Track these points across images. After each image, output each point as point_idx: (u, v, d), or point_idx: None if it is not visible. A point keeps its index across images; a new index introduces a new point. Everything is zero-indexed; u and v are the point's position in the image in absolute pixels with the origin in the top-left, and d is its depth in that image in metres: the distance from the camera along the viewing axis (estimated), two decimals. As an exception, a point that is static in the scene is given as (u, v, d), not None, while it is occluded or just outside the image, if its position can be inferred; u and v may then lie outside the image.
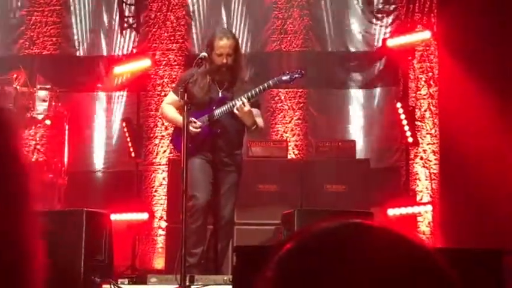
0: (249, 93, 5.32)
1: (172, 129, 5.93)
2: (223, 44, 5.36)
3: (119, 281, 5.38)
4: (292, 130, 7.92)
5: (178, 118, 5.31)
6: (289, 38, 8.06)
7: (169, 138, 6.74)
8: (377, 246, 0.87)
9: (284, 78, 5.46)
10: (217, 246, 5.44)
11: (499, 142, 6.93)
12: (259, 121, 5.44)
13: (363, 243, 0.88)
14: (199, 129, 5.34)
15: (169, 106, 5.61)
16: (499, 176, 6.80)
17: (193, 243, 5.19)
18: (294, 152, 7.79)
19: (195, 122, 5.35)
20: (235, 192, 5.50)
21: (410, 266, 0.86)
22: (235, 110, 5.26)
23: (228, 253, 5.66)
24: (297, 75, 5.49)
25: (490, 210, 6.67)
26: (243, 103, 5.22)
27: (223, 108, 5.37)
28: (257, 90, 5.36)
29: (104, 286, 5.13)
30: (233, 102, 5.31)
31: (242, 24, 8.04)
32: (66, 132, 7.39)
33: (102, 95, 8.25)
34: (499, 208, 6.65)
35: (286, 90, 7.91)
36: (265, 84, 5.41)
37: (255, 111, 5.37)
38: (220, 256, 5.48)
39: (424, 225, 7.40)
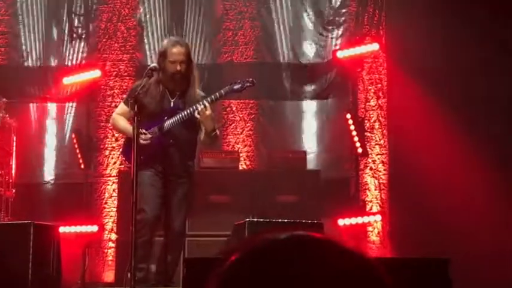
0: (208, 99, 5.31)
1: (123, 140, 5.86)
2: (176, 51, 5.36)
3: (68, 294, 5.30)
4: (243, 141, 7.93)
5: (129, 129, 5.24)
6: (240, 49, 8.09)
7: (120, 149, 6.67)
8: (320, 258, 0.89)
9: (236, 87, 5.47)
10: (168, 258, 5.39)
11: (446, 153, 7.07)
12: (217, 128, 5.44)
13: (307, 256, 0.89)
14: (149, 141, 5.30)
15: (119, 117, 5.55)
16: (445, 186, 6.93)
17: (140, 258, 5.12)
18: (245, 163, 7.80)
19: (145, 134, 5.30)
20: (187, 203, 5.47)
21: (352, 277, 0.88)
22: (196, 114, 5.22)
23: (179, 264, 5.63)
24: (248, 84, 5.51)
25: (437, 220, 6.79)
26: (205, 106, 5.19)
27: (176, 118, 5.33)
28: (212, 97, 5.37)
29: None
30: (191, 110, 5.27)
31: (193, 35, 8.03)
32: (14, 143, 7.26)
33: (51, 106, 8.15)
34: (446, 217, 6.78)
35: (238, 101, 7.93)
36: (218, 93, 5.42)
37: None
38: (171, 268, 5.44)
39: (374, 235, 7.48)
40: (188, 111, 5.28)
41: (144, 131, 5.29)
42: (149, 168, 5.32)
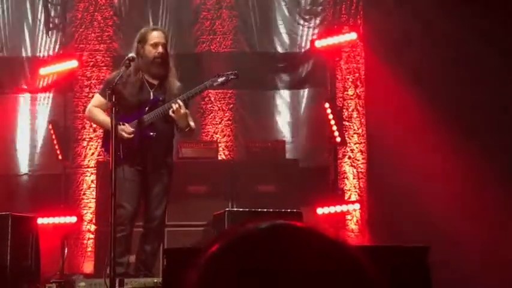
0: (185, 95, 5.28)
1: (103, 133, 5.78)
2: (157, 34, 5.38)
3: (47, 286, 5.28)
4: (222, 131, 7.92)
5: (108, 121, 5.08)
6: (218, 39, 8.06)
7: (100, 142, 6.62)
8: (301, 247, 0.89)
9: (220, 80, 5.43)
10: (147, 248, 5.39)
11: (424, 141, 7.12)
12: (192, 123, 5.41)
13: (287, 245, 0.89)
14: (132, 135, 5.26)
15: (96, 109, 5.46)
16: (423, 174, 6.99)
17: (120, 253, 5.10)
18: (224, 153, 7.80)
19: (127, 128, 5.25)
20: (167, 194, 5.46)
21: (334, 266, 0.88)
22: (170, 113, 5.20)
23: (159, 255, 5.62)
24: (232, 77, 5.47)
25: (415, 208, 6.84)
26: (179, 105, 5.17)
27: (157, 111, 5.29)
28: (192, 92, 5.34)
29: (31, 292, 5.02)
30: (168, 105, 5.24)
31: (171, 25, 7.99)
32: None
33: (27, 97, 8.07)
34: (424, 206, 6.83)
35: (216, 91, 7.91)
36: (201, 87, 5.39)
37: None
38: (151, 258, 5.43)
39: (353, 223, 7.53)
40: (163, 108, 5.26)
41: (126, 125, 5.24)
42: (129, 162, 5.28)
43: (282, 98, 8.04)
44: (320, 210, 7.16)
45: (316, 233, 0.91)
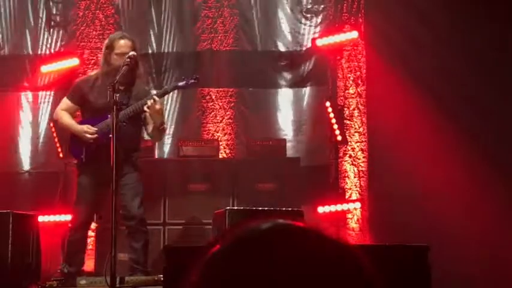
0: (155, 94, 5.43)
1: (69, 137, 5.87)
2: (124, 43, 5.47)
3: (47, 283, 5.29)
4: (223, 129, 7.92)
5: (74, 125, 5.49)
6: (219, 37, 8.05)
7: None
8: (302, 247, 0.89)
9: (180, 84, 5.64)
10: (136, 246, 5.46)
11: (425, 140, 7.12)
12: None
13: (288, 245, 0.89)
14: (95, 135, 5.37)
15: (63, 112, 5.66)
16: (424, 173, 6.98)
17: (73, 254, 5.43)
18: (225, 152, 7.80)
19: (89, 129, 5.39)
20: (140, 191, 5.53)
21: (334, 266, 0.88)
22: (145, 108, 5.28)
23: (147, 251, 5.67)
24: (192, 81, 5.65)
25: (416, 207, 6.84)
26: (155, 100, 5.25)
27: (122, 113, 5.39)
28: (160, 93, 5.52)
29: (31, 289, 5.03)
30: (142, 102, 5.33)
31: (172, 23, 7.99)
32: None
33: (28, 95, 8.07)
34: (425, 205, 6.83)
35: (217, 89, 7.92)
36: (164, 89, 5.57)
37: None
38: (141, 255, 5.51)
39: (353, 222, 7.52)
40: (137, 105, 5.35)
41: (89, 126, 5.39)
42: (93, 165, 5.41)
43: (283, 96, 8.03)
44: (321, 209, 7.16)
45: (318, 234, 0.91)
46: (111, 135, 5.26)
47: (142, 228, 5.58)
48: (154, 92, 5.99)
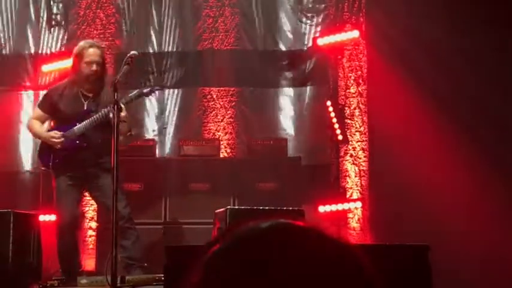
0: (123, 100, 5.42)
1: (39, 145, 5.96)
2: (92, 51, 5.56)
3: (48, 282, 5.29)
4: (224, 129, 7.92)
5: (44, 134, 5.64)
6: (220, 37, 8.05)
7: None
8: (302, 247, 0.89)
9: (145, 91, 5.71)
10: (125, 243, 5.47)
11: (426, 139, 7.12)
12: (133, 130, 5.68)
13: (289, 244, 0.89)
14: (61, 139, 5.44)
15: (35, 121, 5.77)
16: (425, 172, 6.98)
17: (64, 259, 5.49)
18: (226, 151, 7.80)
19: (56, 134, 5.52)
20: (120, 190, 5.53)
21: (334, 265, 0.88)
22: (110, 115, 5.28)
23: (140, 246, 5.69)
24: (157, 88, 5.88)
25: (417, 206, 6.84)
26: (120, 108, 5.25)
27: (88, 121, 5.47)
28: (128, 98, 5.55)
29: (32, 288, 5.04)
30: (107, 110, 5.33)
31: (173, 22, 7.99)
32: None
33: (29, 94, 8.08)
34: (426, 204, 6.83)
35: (218, 88, 7.92)
36: (128, 97, 5.59)
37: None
38: (134, 250, 5.53)
39: (354, 222, 7.52)
40: (102, 112, 5.40)
41: (56, 131, 5.53)
42: (67, 172, 5.53)
43: (284, 96, 8.03)
44: (322, 208, 7.16)
45: (319, 233, 0.91)
46: (78, 142, 5.46)
47: (131, 226, 5.62)
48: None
